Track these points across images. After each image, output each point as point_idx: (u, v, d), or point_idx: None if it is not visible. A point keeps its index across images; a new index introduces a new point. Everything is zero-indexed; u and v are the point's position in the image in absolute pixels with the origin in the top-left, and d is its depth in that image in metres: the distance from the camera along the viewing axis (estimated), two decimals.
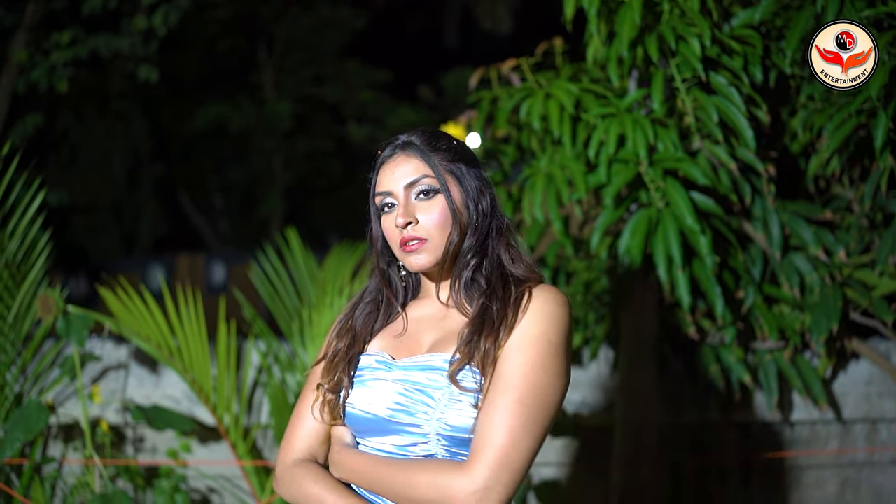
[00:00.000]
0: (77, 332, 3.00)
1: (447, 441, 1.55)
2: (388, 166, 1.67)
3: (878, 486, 3.45)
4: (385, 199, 1.66)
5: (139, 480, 3.30)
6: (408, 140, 1.67)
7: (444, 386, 1.56)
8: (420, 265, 1.64)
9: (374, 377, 1.65)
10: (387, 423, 1.59)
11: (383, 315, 1.75)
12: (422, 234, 1.62)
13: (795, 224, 3.05)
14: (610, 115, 2.84)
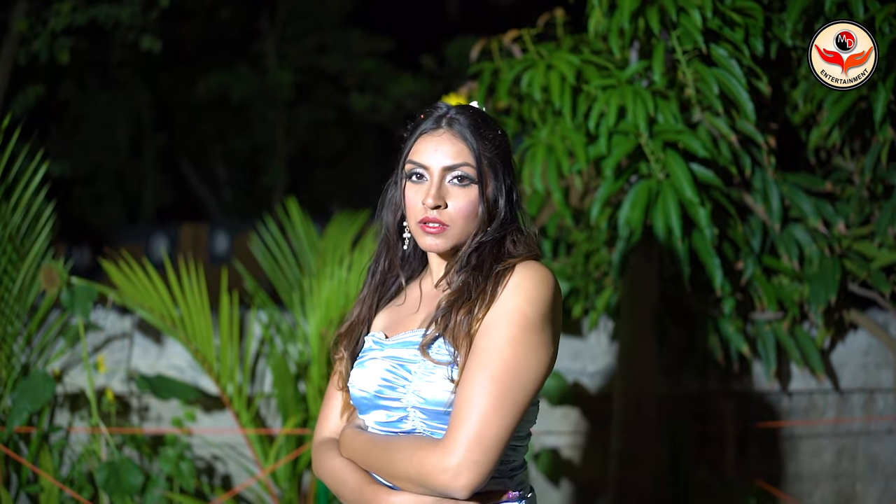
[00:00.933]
0: (81, 304, 3.03)
1: (424, 414, 1.56)
2: (431, 140, 1.62)
3: (874, 454, 3.49)
4: (417, 170, 1.62)
5: (145, 449, 3.35)
6: (455, 118, 1.63)
7: (420, 360, 1.58)
8: (434, 248, 1.63)
9: (369, 357, 1.67)
10: (376, 400, 1.62)
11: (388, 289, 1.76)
12: (445, 219, 1.60)
13: (795, 196, 3.06)
14: (611, 87, 2.84)
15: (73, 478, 3.24)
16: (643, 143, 2.79)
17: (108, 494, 3.09)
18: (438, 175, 1.61)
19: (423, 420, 1.57)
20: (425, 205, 1.60)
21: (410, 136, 1.66)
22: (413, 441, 1.55)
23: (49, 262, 3.07)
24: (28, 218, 3.26)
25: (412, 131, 1.67)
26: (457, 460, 1.47)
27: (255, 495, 3.43)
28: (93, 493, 3.25)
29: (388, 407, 1.61)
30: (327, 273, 3.42)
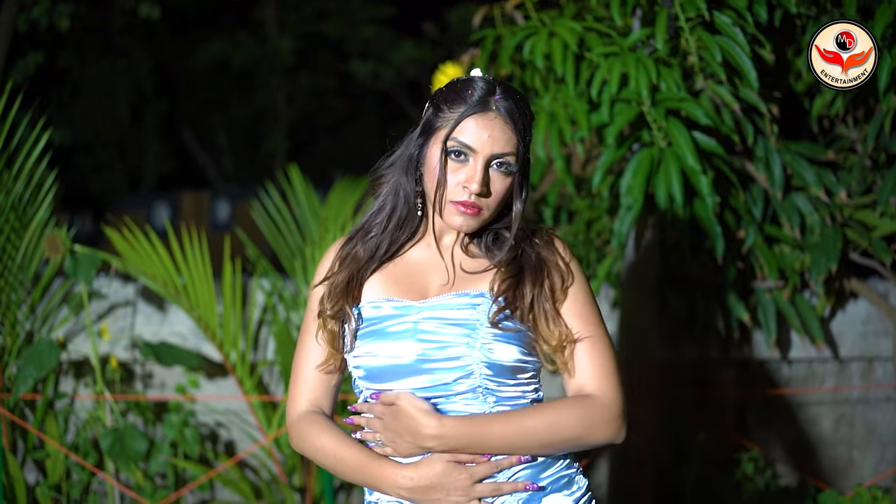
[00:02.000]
0: (85, 271, 3.04)
1: (490, 370, 1.56)
2: (484, 124, 1.59)
3: (872, 422, 3.52)
4: (462, 150, 1.59)
5: (149, 415, 3.38)
6: (502, 101, 1.60)
7: (481, 317, 1.58)
8: (464, 229, 1.62)
9: (394, 324, 1.61)
10: (417, 365, 1.57)
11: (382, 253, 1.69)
12: (482, 204, 1.60)
13: (797, 164, 3.06)
14: (613, 55, 2.83)
15: (79, 444, 3.27)
16: (645, 110, 2.78)
17: (112, 460, 3.12)
18: (485, 160, 1.59)
19: (489, 377, 1.56)
20: (468, 188, 1.59)
21: (450, 109, 1.61)
22: (562, 404, 1.58)
23: (53, 230, 3.08)
24: (30, 187, 3.27)
25: (454, 104, 1.61)
26: (619, 410, 1.59)
27: (258, 461, 3.47)
28: (98, 459, 3.29)
29: (436, 370, 1.57)
30: (329, 240, 3.42)
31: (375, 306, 1.64)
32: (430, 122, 1.64)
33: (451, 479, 1.55)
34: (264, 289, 3.48)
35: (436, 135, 1.63)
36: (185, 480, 3.39)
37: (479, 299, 1.60)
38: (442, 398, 1.58)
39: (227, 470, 3.38)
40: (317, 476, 3.36)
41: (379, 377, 1.61)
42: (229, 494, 3.49)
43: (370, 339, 1.62)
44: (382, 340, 1.60)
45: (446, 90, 1.65)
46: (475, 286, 1.63)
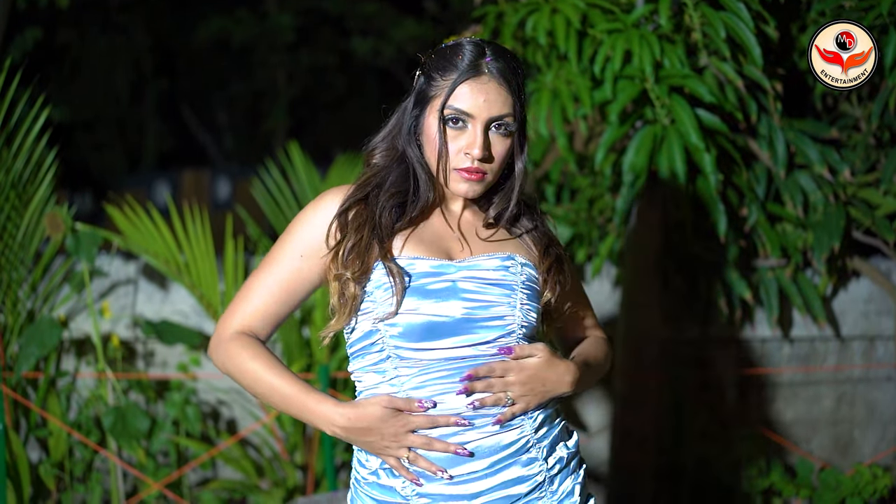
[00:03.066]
0: (86, 249, 3.04)
1: (526, 331, 1.61)
2: (478, 88, 1.57)
3: (873, 401, 3.52)
4: (460, 116, 1.58)
5: (150, 393, 3.38)
6: (494, 63, 1.58)
7: (517, 281, 1.62)
8: (469, 194, 1.63)
9: (437, 280, 1.57)
10: (463, 323, 1.55)
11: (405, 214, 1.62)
12: (485, 168, 1.60)
13: (801, 142, 3.04)
14: (616, 31, 2.80)
15: (81, 422, 3.28)
16: (649, 87, 2.76)
17: (115, 438, 3.13)
18: (483, 125, 1.58)
19: (521, 337, 1.61)
20: (470, 155, 1.58)
21: (443, 77, 1.59)
22: (606, 345, 1.86)
23: (53, 208, 3.06)
24: (30, 164, 3.25)
25: (445, 71, 1.59)
26: None
27: (260, 439, 3.48)
28: (100, 437, 3.29)
29: (479, 329, 1.56)
30: None
31: (409, 264, 1.58)
32: (424, 92, 1.62)
33: (387, 425, 1.54)
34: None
35: (431, 104, 1.61)
36: (187, 458, 3.40)
37: (509, 262, 1.63)
38: (480, 357, 1.57)
39: (229, 448, 3.39)
40: (319, 454, 3.37)
41: (419, 335, 1.55)
42: (231, 472, 3.50)
43: (410, 296, 1.55)
44: (424, 298, 1.55)
45: (436, 58, 1.63)
46: (499, 249, 1.66)
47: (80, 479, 3.33)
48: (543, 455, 1.62)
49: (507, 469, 1.58)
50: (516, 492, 1.58)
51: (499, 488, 1.57)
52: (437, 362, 1.56)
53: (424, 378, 1.56)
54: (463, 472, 1.56)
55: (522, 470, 1.59)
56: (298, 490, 3.38)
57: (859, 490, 3.00)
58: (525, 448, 1.60)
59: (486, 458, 1.57)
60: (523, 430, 1.60)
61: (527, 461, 1.60)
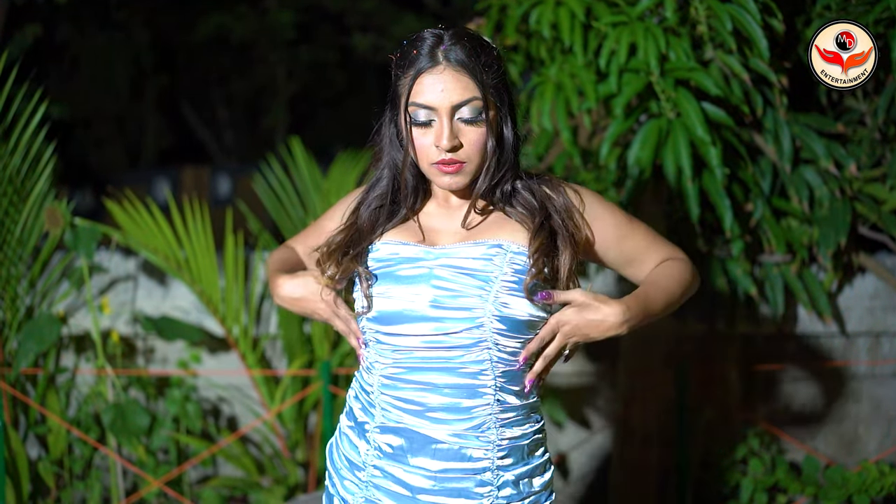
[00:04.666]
0: (85, 245, 3.01)
1: (504, 324, 1.53)
2: (433, 79, 1.54)
3: (879, 398, 3.50)
4: (423, 111, 1.56)
5: (150, 390, 3.36)
6: (451, 49, 1.55)
7: (498, 272, 1.55)
8: (453, 186, 1.59)
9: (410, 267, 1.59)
10: (428, 311, 1.54)
11: (389, 214, 1.67)
12: (462, 157, 1.56)
13: (807, 136, 3.01)
14: (621, 24, 2.78)
15: (80, 419, 3.26)
16: (654, 81, 2.73)
17: (114, 435, 3.11)
18: (447, 114, 1.54)
19: (501, 331, 1.54)
20: (440, 147, 1.55)
21: (404, 73, 1.58)
22: (682, 267, 1.75)
23: (52, 203, 3.04)
24: (28, 159, 3.22)
25: (406, 68, 1.57)
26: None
27: (261, 436, 3.45)
28: (100, 434, 3.27)
29: (446, 318, 1.54)
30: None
31: (393, 252, 1.62)
32: (395, 92, 1.61)
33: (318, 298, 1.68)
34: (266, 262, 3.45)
35: (400, 103, 1.60)
36: (187, 456, 3.38)
37: (494, 250, 1.58)
38: (445, 348, 1.55)
39: (230, 445, 3.37)
40: (320, 451, 3.35)
41: (389, 320, 1.58)
42: (232, 469, 3.48)
43: (384, 281, 1.59)
44: (396, 284, 1.58)
45: (399, 54, 1.61)
46: (490, 236, 1.60)
47: (79, 477, 3.31)
48: (498, 483, 1.59)
49: (457, 481, 1.57)
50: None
51: (440, 494, 1.57)
52: (409, 351, 1.57)
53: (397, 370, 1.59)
54: (418, 463, 1.57)
55: (474, 487, 1.57)
56: (300, 487, 3.36)
57: (866, 487, 2.97)
58: (483, 469, 1.57)
59: (441, 462, 1.56)
60: (489, 451, 1.58)
61: (480, 482, 1.58)
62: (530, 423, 1.63)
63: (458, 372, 1.55)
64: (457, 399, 1.55)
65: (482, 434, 1.56)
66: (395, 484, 1.59)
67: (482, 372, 1.55)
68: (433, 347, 1.55)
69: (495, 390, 1.56)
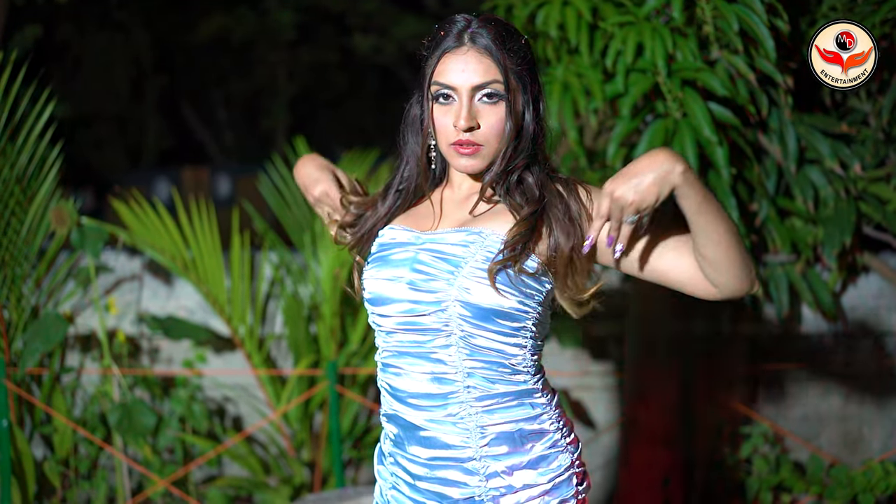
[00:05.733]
0: (92, 244, 3.02)
1: (468, 310, 1.51)
2: (457, 59, 1.55)
3: (882, 397, 3.51)
4: (444, 91, 1.57)
5: (156, 390, 3.36)
6: (478, 32, 1.56)
7: (468, 258, 1.54)
8: (469, 169, 1.59)
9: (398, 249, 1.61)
10: (405, 293, 1.56)
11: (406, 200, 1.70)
12: (479, 139, 1.56)
13: (812, 137, 3.01)
14: (628, 24, 2.78)
15: (86, 419, 3.26)
16: (661, 81, 2.74)
17: (121, 435, 3.11)
18: (467, 95, 1.55)
19: (466, 318, 1.52)
20: (457, 127, 1.55)
21: (431, 55, 1.60)
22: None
23: (59, 203, 3.04)
24: (34, 160, 3.22)
25: (433, 49, 1.60)
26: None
27: (266, 436, 3.46)
28: (105, 434, 3.27)
29: (418, 301, 1.55)
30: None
31: (391, 235, 1.65)
32: (423, 74, 1.62)
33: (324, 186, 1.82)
34: (272, 262, 3.45)
35: (424, 83, 1.61)
36: (193, 456, 3.38)
37: (472, 237, 1.57)
38: (418, 331, 1.56)
39: (236, 445, 3.37)
40: (325, 451, 3.35)
41: (376, 301, 1.60)
42: (237, 469, 3.48)
43: (376, 264, 1.63)
44: (385, 266, 1.61)
45: (429, 38, 1.63)
46: (479, 225, 1.59)
47: (85, 477, 3.31)
48: (486, 472, 1.56)
49: (445, 469, 1.57)
50: (448, 493, 1.57)
51: (433, 482, 1.58)
52: (392, 333, 1.60)
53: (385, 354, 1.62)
54: (412, 450, 1.59)
55: (461, 476, 1.57)
56: (305, 487, 3.36)
57: (871, 486, 2.98)
58: (467, 458, 1.56)
59: (429, 449, 1.57)
60: (469, 439, 1.56)
61: (466, 471, 1.57)
62: (523, 410, 1.58)
63: (429, 357, 1.56)
64: (428, 384, 1.56)
65: (459, 421, 1.55)
66: (402, 471, 1.62)
67: (449, 357, 1.55)
68: (408, 330, 1.57)
69: (464, 376, 1.55)
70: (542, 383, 1.61)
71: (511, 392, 1.57)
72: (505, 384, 1.56)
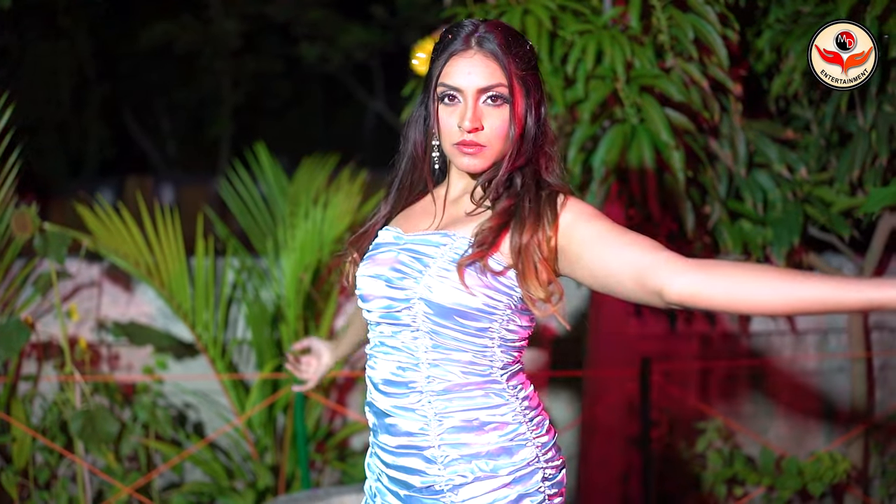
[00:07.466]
0: (55, 250, 2.99)
1: (431, 308, 1.57)
2: (463, 62, 1.61)
3: (826, 392, 3.65)
4: (450, 92, 1.62)
5: (118, 397, 3.34)
6: (485, 37, 1.61)
7: (438, 256, 1.60)
8: (472, 169, 1.64)
9: (384, 249, 1.68)
10: (383, 290, 1.63)
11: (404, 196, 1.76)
12: (482, 140, 1.61)
13: (760, 142, 3.14)
14: (587, 32, 2.87)
15: (46, 427, 3.22)
16: (620, 87, 2.83)
17: (84, 442, 3.08)
18: (473, 97, 1.61)
19: (430, 315, 1.58)
20: (462, 128, 1.60)
21: (439, 57, 1.65)
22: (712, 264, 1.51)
23: (22, 208, 3.01)
24: None
25: (440, 51, 1.65)
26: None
27: (229, 441, 3.45)
28: (66, 442, 3.24)
29: (393, 298, 1.61)
30: (301, 213, 3.41)
31: (384, 237, 1.72)
32: (429, 76, 1.67)
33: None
34: (234, 267, 3.46)
35: (431, 85, 1.66)
36: (154, 463, 3.36)
37: (445, 239, 1.62)
38: (393, 324, 1.63)
39: (200, 451, 3.36)
40: (290, 454, 3.36)
41: (364, 297, 1.68)
42: (200, 475, 3.47)
43: (365, 262, 1.70)
44: (371, 265, 1.68)
45: (438, 41, 1.68)
46: (454, 228, 1.64)
47: (43, 487, 3.27)
48: (444, 461, 1.59)
49: (408, 457, 1.62)
50: (410, 481, 1.62)
51: (398, 470, 1.63)
52: (374, 326, 1.68)
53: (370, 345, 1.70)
54: (382, 439, 1.65)
55: (422, 464, 1.61)
56: (270, 491, 3.36)
57: (820, 476, 3.11)
58: (426, 446, 1.60)
59: (395, 437, 1.63)
60: (428, 427, 1.60)
61: (427, 458, 1.60)
62: (482, 400, 1.60)
63: (398, 347, 1.63)
64: (395, 372, 1.63)
65: (419, 408, 1.61)
66: (378, 461, 1.68)
67: (416, 349, 1.61)
68: (387, 324, 1.64)
69: (427, 367, 1.60)
70: (508, 377, 1.63)
71: (472, 383, 1.60)
72: (466, 375, 1.60)
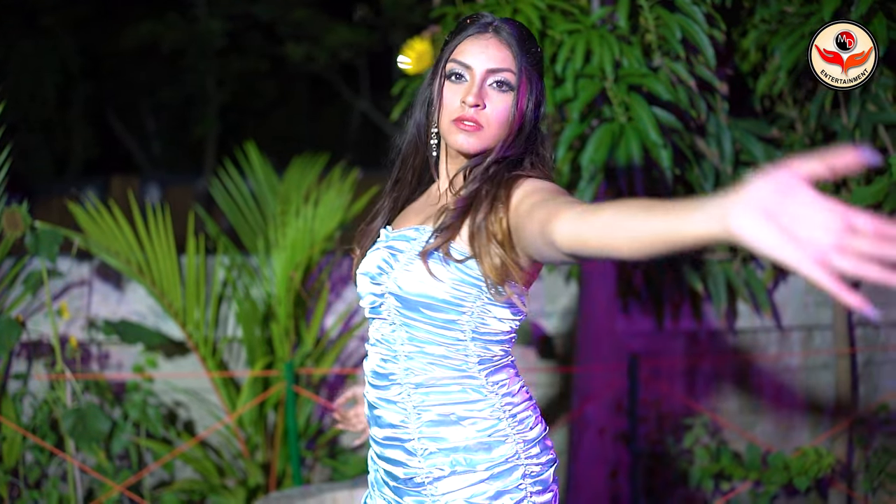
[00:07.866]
0: (47, 248, 2.99)
1: (399, 301, 1.60)
2: (478, 42, 1.64)
3: (811, 388, 3.70)
4: (459, 69, 1.63)
5: (108, 395, 3.34)
6: (502, 26, 1.65)
7: (407, 249, 1.63)
8: (467, 147, 1.63)
9: (374, 247, 1.72)
10: (369, 285, 1.68)
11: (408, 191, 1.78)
12: (482, 120, 1.62)
13: (746, 140, 3.18)
14: (576, 32, 2.89)
15: (36, 426, 3.22)
16: (608, 86, 2.86)
17: (74, 441, 3.08)
18: (481, 76, 1.62)
19: (397, 308, 1.61)
20: (465, 103, 1.61)
21: (453, 39, 1.67)
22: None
23: (13, 206, 3.00)
24: None
25: (456, 34, 1.68)
26: None
27: (220, 438, 3.46)
28: (56, 440, 3.24)
29: (374, 293, 1.66)
30: (292, 211, 3.42)
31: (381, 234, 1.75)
32: (439, 58, 1.69)
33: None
34: (224, 265, 3.47)
35: (441, 63, 1.67)
36: (145, 461, 3.36)
37: (415, 233, 1.65)
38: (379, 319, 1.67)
39: (191, 449, 3.37)
40: (280, 452, 3.38)
41: (360, 293, 1.72)
42: (190, 473, 3.48)
43: (363, 260, 1.73)
44: (364, 262, 1.72)
45: (454, 27, 1.71)
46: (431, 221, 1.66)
47: (33, 486, 3.27)
48: (423, 454, 1.60)
49: (392, 448, 1.65)
50: (395, 473, 1.65)
51: (386, 461, 1.66)
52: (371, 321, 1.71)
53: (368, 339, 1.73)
54: (373, 431, 1.69)
55: (403, 456, 1.63)
56: (261, 489, 3.38)
57: (805, 470, 3.15)
58: (408, 438, 1.62)
59: (381, 429, 1.66)
60: (407, 419, 1.62)
61: (408, 450, 1.62)
62: (459, 395, 1.60)
63: (381, 340, 1.67)
64: (379, 364, 1.67)
65: (400, 401, 1.63)
66: (374, 454, 1.72)
67: (394, 342, 1.64)
68: (373, 318, 1.69)
69: (405, 359, 1.63)
70: (489, 373, 1.62)
71: (448, 377, 1.60)
72: (442, 369, 1.61)
